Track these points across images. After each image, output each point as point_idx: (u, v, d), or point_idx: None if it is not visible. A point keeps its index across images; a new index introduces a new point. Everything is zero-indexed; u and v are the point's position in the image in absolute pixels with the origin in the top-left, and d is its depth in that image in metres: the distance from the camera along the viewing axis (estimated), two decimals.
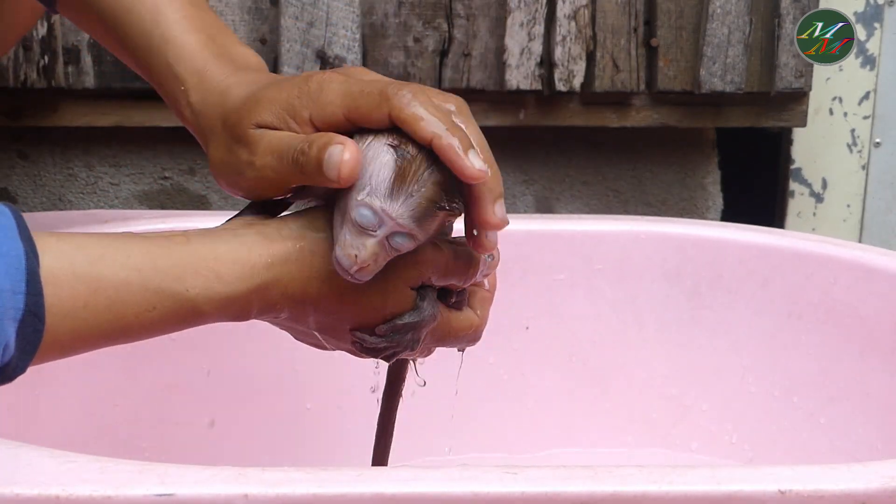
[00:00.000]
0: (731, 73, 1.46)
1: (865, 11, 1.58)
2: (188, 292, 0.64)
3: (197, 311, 0.64)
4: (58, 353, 0.62)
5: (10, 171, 1.50)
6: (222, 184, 0.74)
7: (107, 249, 0.63)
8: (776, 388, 1.14)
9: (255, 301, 0.66)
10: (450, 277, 0.71)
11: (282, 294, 0.66)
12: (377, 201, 0.62)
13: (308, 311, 0.68)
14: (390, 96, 0.65)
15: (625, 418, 1.18)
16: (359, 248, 0.63)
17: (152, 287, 0.63)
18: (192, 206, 1.52)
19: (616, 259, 1.16)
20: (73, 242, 0.62)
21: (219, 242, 0.66)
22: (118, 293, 0.62)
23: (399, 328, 0.68)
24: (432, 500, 0.62)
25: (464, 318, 0.74)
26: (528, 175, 1.57)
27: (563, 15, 1.43)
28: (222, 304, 0.65)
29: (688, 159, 1.60)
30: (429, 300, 0.69)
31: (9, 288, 0.58)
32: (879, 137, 1.63)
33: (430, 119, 0.64)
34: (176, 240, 0.65)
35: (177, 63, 0.76)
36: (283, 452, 1.13)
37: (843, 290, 1.08)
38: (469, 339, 0.75)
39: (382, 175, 0.63)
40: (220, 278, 0.64)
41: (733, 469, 0.65)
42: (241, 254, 0.65)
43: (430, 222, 0.64)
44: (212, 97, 0.74)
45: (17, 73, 1.38)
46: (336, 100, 0.67)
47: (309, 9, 1.39)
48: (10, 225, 0.59)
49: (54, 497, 0.59)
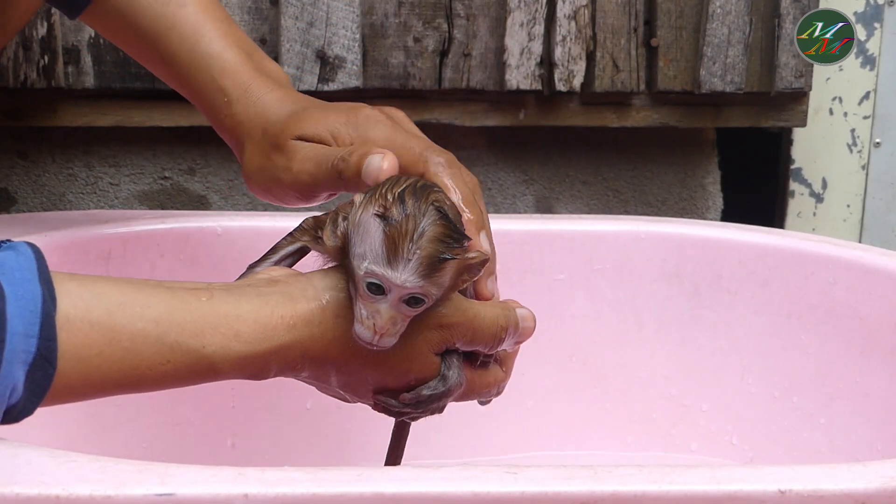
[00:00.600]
0: (731, 73, 1.46)
1: (865, 11, 1.59)
2: (205, 349, 0.63)
3: (212, 368, 0.64)
4: (68, 398, 0.62)
5: (10, 171, 1.50)
6: (254, 188, 0.79)
7: (127, 298, 0.63)
8: (776, 388, 1.14)
9: (274, 361, 0.66)
10: (476, 343, 0.70)
11: (302, 355, 0.66)
12: (379, 269, 0.63)
13: (329, 371, 0.68)
14: (428, 160, 0.71)
15: (625, 418, 1.18)
16: (374, 316, 0.63)
17: (168, 341, 0.63)
18: (192, 206, 1.52)
19: (616, 259, 1.16)
20: (92, 289, 0.62)
21: (242, 300, 0.65)
22: (133, 344, 0.62)
23: (424, 398, 0.68)
24: (432, 500, 0.62)
25: (488, 376, 0.74)
26: (528, 175, 1.57)
27: (563, 15, 1.43)
28: (239, 362, 0.64)
29: (688, 159, 1.60)
30: (455, 368, 0.69)
31: (21, 331, 0.58)
32: (879, 137, 1.63)
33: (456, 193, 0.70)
34: (198, 294, 0.65)
35: (221, 77, 0.82)
36: (283, 452, 1.13)
37: (843, 290, 1.08)
38: (492, 395, 0.75)
39: (376, 245, 0.63)
40: (238, 337, 0.64)
41: (733, 469, 0.65)
42: (264, 314, 0.65)
43: (439, 276, 0.63)
44: (254, 109, 0.80)
45: (17, 73, 1.38)
46: (380, 141, 0.72)
47: (309, 9, 1.39)
48: (31, 267, 0.60)
49: (54, 497, 0.59)
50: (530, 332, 0.73)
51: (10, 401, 0.59)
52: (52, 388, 0.60)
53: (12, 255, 0.60)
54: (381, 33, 1.43)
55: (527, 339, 0.74)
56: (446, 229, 0.63)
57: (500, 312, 0.71)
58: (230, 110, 0.81)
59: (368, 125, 0.73)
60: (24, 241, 0.62)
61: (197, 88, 0.84)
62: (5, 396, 0.58)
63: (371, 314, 0.63)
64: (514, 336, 0.72)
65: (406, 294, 0.63)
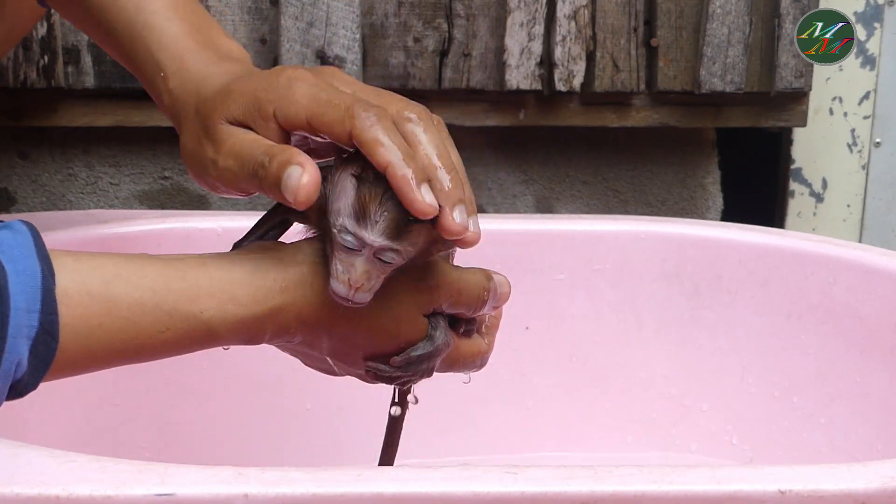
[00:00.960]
0: (731, 73, 1.46)
1: (865, 11, 1.59)
2: (202, 314, 0.64)
3: (210, 333, 0.65)
4: (70, 371, 0.63)
5: (10, 171, 1.50)
6: (190, 171, 0.73)
7: (122, 269, 0.63)
8: (776, 388, 1.14)
9: (269, 324, 0.66)
10: (460, 305, 0.71)
11: (296, 318, 0.66)
12: (351, 226, 0.63)
13: (321, 336, 0.68)
14: (354, 115, 0.64)
15: (625, 418, 1.18)
16: (349, 270, 0.64)
17: (166, 308, 0.63)
18: (192, 206, 1.52)
19: (616, 259, 1.16)
20: (88, 262, 0.63)
21: (234, 266, 0.66)
22: (132, 313, 0.62)
23: (414, 360, 0.69)
24: (432, 500, 0.62)
25: (472, 345, 0.74)
26: (528, 175, 1.57)
27: (563, 15, 1.43)
28: (236, 326, 0.65)
29: (688, 159, 1.60)
30: (441, 328, 0.70)
31: (24, 306, 0.58)
32: (879, 137, 1.63)
33: (388, 146, 0.63)
34: (191, 262, 0.66)
35: (158, 50, 0.76)
36: (283, 452, 1.13)
37: (843, 290, 1.08)
38: (476, 366, 0.75)
39: (348, 203, 0.64)
40: (234, 300, 0.64)
41: (733, 469, 0.65)
42: (257, 277, 0.66)
43: (410, 236, 0.64)
44: (189, 84, 0.74)
45: (17, 73, 1.38)
46: (302, 101, 0.67)
47: (309, 9, 1.39)
48: (28, 244, 0.60)
49: (54, 497, 0.59)
50: (506, 297, 0.74)
51: (16, 375, 0.59)
52: (55, 361, 0.60)
53: (9, 234, 0.61)
54: (381, 33, 1.43)
55: (503, 303, 0.74)
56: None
57: (482, 275, 0.72)
58: (166, 86, 0.75)
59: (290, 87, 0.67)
60: (19, 220, 0.62)
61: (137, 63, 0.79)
62: (11, 371, 0.59)
63: (346, 269, 0.64)
64: (493, 300, 0.73)
65: (379, 249, 0.64)
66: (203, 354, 1.09)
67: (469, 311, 0.72)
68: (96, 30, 0.83)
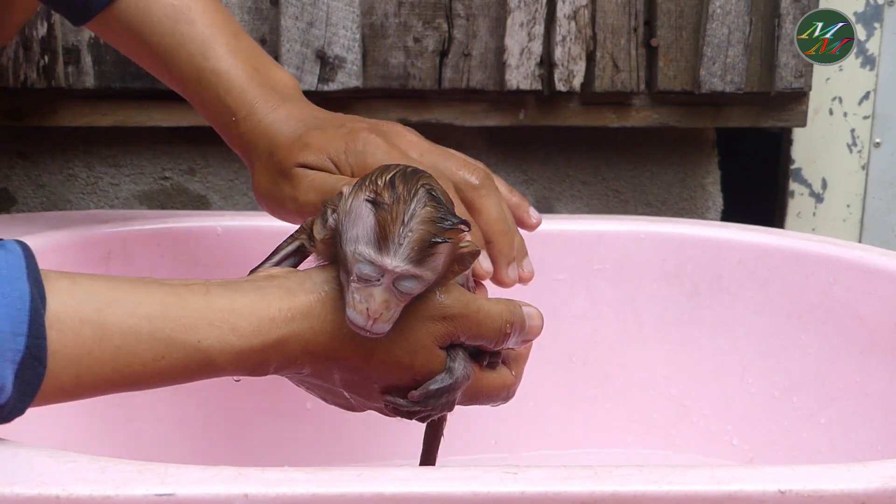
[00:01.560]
0: (731, 73, 1.46)
1: (865, 11, 1.59)
2: (200, 343, 0.63)
3: (209, 364, 0.64)
4: (61, 397, 0.62)
5: (10, 171, 1.50)
6: (264, 207, 0.80)
7: (118, 295, 0.62)
8: (776, 389, 1.14)
9: (273, 355, 0.65)
10: (480, 338, 0.69)
11: (303, 349, 0.65)
12: (370, 253, 0.62)
13: (331, 368, 0.67)
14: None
15: (625, 418, 1.18)
16: (368, 300, 0.63)
17: (162, 337, 0.62)
18: (192, 206, 1.52)
19: (616, 259, 1.16)
20: (84, 286, 0.62)
21: (238, 294, 0.65)
22: (125, 341, 0.61)
23: (432, 393, 0.67)
24: (432, 500, 0.62)
25: (497, 378, 0.73)
26: (528, 175, 1.57)
27: (563, 15, 1.43)
28: (236, 357, 0.64)
29: (688, 159, 1.60)
30: (460, 360, 0.68)
31: (9, 330, 0.57)
32: (879, 137, 1.63)
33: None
34: (193, 289, 0.65)
35: (227, 95, 0.83)
36: (283, 452, 1.13)
37: (843, 291, 1.08)
38: (501, 398, 0.74)
39: (367, 229, 0.63)
40: (235, 331, 0.63)
41: (733, 469, 0.65)
42: (261, 307, 0.64)
43: (431, 259, 0.63)
44: (259, 129, 0.81)
45: (17, 73, 1.38)
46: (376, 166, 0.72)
47: (309, 9, 1.39)
48: (20, 265, 0.59)
49: (54, 497, 0.59)
50: (538, 331, 0.73)
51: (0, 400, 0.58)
52: (42, 387, 0.59)
53: (1, 254, 0.60)
54: (381, 33, 1.43)
55: (534, 337, 0.73)
56: (437, 211, 0.63)
57: (505, 307, 0.70)
58: (238, 129, 0.82)
59: (367, 151, 0.75)
60: (14, 240, 0.61)
61: (206, 106, 0.85)
62: None
63: (364, 298, 0.63)
64: (521, 334, 0.71)
65: (399, 276, 0.63)
66: None
67: (491, 345, 0.70)
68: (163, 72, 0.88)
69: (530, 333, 0.73)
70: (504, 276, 0.75)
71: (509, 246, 0.75)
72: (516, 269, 0.76)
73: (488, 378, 0.72)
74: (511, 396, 0.75)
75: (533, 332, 0.73)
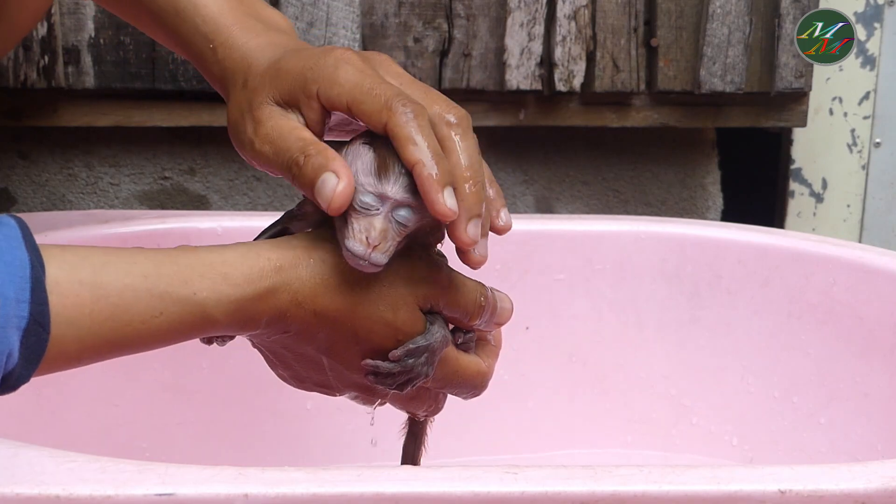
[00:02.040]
0: (731, 73, 1.46)
1: (865, 11, 1.59)
2: (195, 296, 0.63)
3: (205, 316, 0.64)
4: (64, 363, 0.62)
5: (10, 171, 1.50)
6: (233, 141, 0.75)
7: (111, 258, 0.63)
8: (776, 389, 1.14)
9: (264, 305, 0.65)
10: (456, 307, 0.71)
11: (292, 300, 0.66)
12: (371, 181, 0.65)
13: (318, 325, 0.67)
14: (392, 109, 0.66)
15: (625, 419, 1.18)
16: (367, 229, 0.64)
17: (158, 292, 0.63)
18: (192, 206, 1.52)
19: (616, 259, 1.16)
20: (77, 253, 0.62)
21: (227, 249, 0.66)
22: (123, 299, 0.62)
23: (412, 351, 0.68)
24: (432, 500, 0.62)
25: (471, 361, 0.73)
26: (528, 175, 1.57)
27: (563, 15, 1.43)
28: (230, 307, 0.64)
29: (688, 159, 1.60)
30: (439, 323, 0.70)
31: (13, 296, 0.58)
32: (879, 137, 1.63)
33: (420, 145, 0.65)
34: (183, 248, 0.66)
35: (205, 23, 0.77)
36: (283, 452, 1.13)
37: (843, 290, 1.08)
38: (475, 385, 0.74)
39: (367, 167, 0.65)
40: (227, 279, 0.64)
41: (733, 469, 0.65)
42: (250, 257, 0.66)
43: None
44: (237, 54, 0.75)
45: (17, 73, 1.38)
46: (345, 85, 0.68)
47: (309, 9, 1.39)
48: (16, 235, 0.60)
49: (54, 497, 0.59)
50: (509, 314, 0.74)
51: (7, 367, 0.59)
52: (47, 352, 0.60)
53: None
54: (381, 33, 1.43)
55: (505, 321, 0.74)
56: None
57: (479, 284, 0.72)
58: (215, 56, 0.77)
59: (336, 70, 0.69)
60: (6, 214, 0.62)
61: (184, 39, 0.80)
62: (1, 363, 0.58)
63: (363, 227, 0.64)
64: (492, 316, 0.73)
65: (398, 205, 0.65)
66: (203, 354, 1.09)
67: (466, 318, 0.72)
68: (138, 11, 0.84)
69: (502, 315, 0.74)
70: (461, 231, 0.66)
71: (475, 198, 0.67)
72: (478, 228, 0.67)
73: (463, 359, 0.73)
74: (483, 387, 0.75)
75: (504, 315, 0.74)
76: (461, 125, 0.70)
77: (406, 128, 0.65)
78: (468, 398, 0.76)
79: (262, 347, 0.72)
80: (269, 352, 0.72)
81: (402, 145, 0.65)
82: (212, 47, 0.77)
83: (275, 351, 0.71)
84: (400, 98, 0.67)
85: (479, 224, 0.67)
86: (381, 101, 0.66)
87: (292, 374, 0.73)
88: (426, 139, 0.65)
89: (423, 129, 0.66)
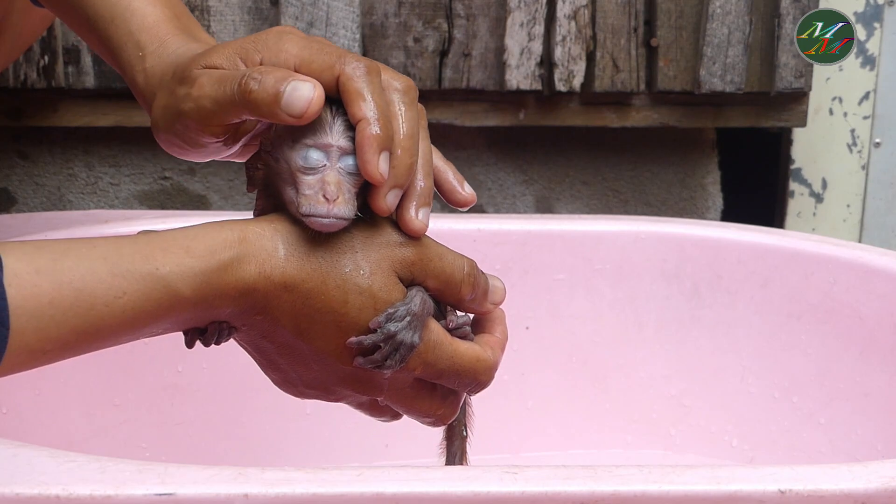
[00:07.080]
0: (731, 73, 1.46)
1: (865, 11, 1.59)
2: (158, 270, 0.61)
3: (170, 291, 0.62)
4: (28, 360, 0.60)
5: (10, 171, 1.50)
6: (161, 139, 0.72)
7: (70, 245, 0.61)
8: (776, 389, 1.14)
9: (231, 279, 0.63)
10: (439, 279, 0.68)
11: (259, 273, 0.64)
12: (312, 138, 0.64)
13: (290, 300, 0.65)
14: (345, 63, 0.65)
15: (625, 418, 1.18)
16: (322, 185, 0.63)
17: (119, 271, 0.60)
18: (192, 206, 1.52)
19: (616, 259, 1.16)
20: (35, 244, 0.60)
21: (190, 227, 0.64)
22: (84, 283, 0.59)
23: (392, 315, 0.65)
24: (432, 500, 0.62)
25: (468, 347, 0.70)
26: (528, 175, 1.57)
27: (563, 15, 1.43)
28: (196, 280, 0.62)
29: (688, 159, 1.60)
30: (418, 289, 0.67)
31: None
32: (879, 137, 1.63)
33: (369, 102, 0.64)
34: (144, 231, 0.64)
35: (139, 31, 0.76)
36: (283, 452, 1.13)
37: (843, 290, 1.08)
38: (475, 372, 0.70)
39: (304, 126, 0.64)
40: (189, 252, 0.62)
41: (733, 469, 0.65)
42: (212, 229, 0.64)
43: None
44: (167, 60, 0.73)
45: (17, 73, 1.38)
46: (293, 49, 0.66)
47: (309, 9, 1.39)
48: None
49: (54, 497, 0.59)
50: (502, 293, 0.72)
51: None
52: (7, 349, 0.57)
53: None
54: (381, 33, 1.43)
55: (500, 300, 0.72)
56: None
57: (466, 260, 0.70)
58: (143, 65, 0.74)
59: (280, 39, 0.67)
60: None
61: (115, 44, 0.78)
62: None
63: (317, 185, 0.63)
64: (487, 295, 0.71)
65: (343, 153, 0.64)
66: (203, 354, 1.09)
67: (453, 290, 0.69)
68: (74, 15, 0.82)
69: (495, 294, 0.72)
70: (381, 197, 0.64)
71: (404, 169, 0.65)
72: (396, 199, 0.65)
73: (459, 345, 0.70)
74: (487, 377, 0.71)
75: (497, 294, 0.72)
76: (408, 95, 0.68)
77: (357, 82, 0.64)
78: (473, 392, 0.72)
79: (248, 346, 0.69)
80: (253, 350, 0.69)
81: (352, 100, 0.64)
82: (141, 55, 0.75)
83: (258, 346, 0.69)
84: (351, 55, 0.66)
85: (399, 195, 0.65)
86: (332, 57, 0.65)
87: (283, 377, 0.71)
88: (376, 99, 0.64)
89: (374, 87, 0.64)
